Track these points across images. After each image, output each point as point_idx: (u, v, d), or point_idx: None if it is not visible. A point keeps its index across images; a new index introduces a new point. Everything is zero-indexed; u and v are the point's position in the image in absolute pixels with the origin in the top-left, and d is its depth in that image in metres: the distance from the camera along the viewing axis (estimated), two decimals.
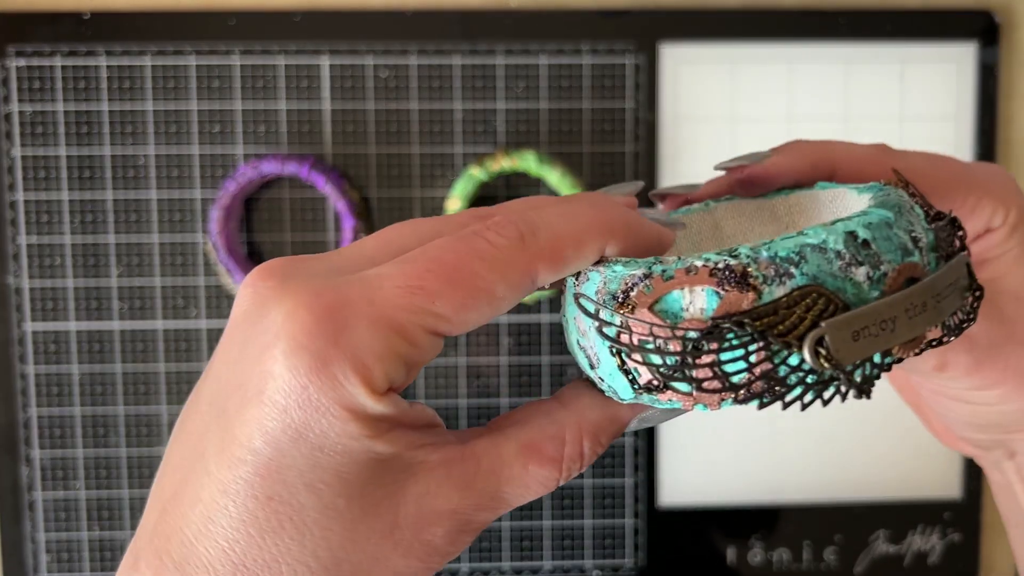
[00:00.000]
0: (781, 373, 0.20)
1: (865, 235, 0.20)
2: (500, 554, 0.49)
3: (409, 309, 0.21)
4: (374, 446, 0.21)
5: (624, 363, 0.21)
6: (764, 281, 0.20)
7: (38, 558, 0.48)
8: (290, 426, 0.20)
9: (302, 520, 0.20)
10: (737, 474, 0.50)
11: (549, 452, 0.23)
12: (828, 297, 0.20)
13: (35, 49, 0.47)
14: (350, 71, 0.48)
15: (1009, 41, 0.49)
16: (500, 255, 0.21)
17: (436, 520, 0.22)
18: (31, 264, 0.47)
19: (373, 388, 0.20)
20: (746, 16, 0.48)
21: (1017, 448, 0.30)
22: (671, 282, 0.20)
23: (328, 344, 0.20)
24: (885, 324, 0.20)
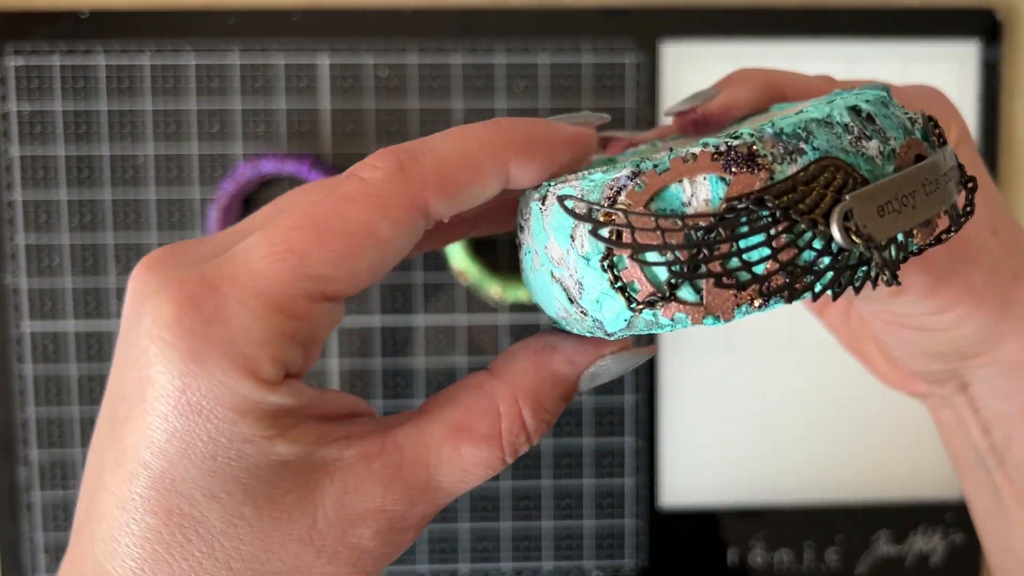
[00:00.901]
0: (806, 259, 0.18)
1: (868, 109, 0.19)
2: (500, 554, 0.49)
3: (282, 278, 0.18)
4: (274, 447, 0.19)
5: (618, 279, 0.19)
6: (774, 160, 0.18)
7: (36, 559, 0.48)
8: (175, 434, 0.18)
9: (208, 532, 0.19)
10: (738, 475, 0.50)
11: (482, 430, 0.21)
12: (846, 170, 0.18)
13: (33, 48, 0.47)
14: (349, 70, 0.47)
15: (1011, 39, 0.49)
16: (375, 191, 0.19)
17: (360, 521, 0.20)
18: (29, 264, 0.47)
19: (261, 378, 0.18)
20: (747, 14, 0.48)
21: (971, 378, 0.29)
22: (667, 175, 0.18)
23: (198, 339, 0.18)
24: (906, 199, 0.18)
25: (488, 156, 0.20)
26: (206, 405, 0.18)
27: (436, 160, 0.20)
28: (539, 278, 0.21)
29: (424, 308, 0.48)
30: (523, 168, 0.20)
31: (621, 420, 0.49)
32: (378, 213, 0.19)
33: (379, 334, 0.48)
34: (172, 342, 0.18)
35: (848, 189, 0.18)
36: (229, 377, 0.18)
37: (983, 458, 0.31)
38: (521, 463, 0.49)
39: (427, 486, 0.20)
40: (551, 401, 0.22)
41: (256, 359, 0.18)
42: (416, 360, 0.48)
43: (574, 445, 0.49)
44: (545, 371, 0.22)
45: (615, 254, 0.18)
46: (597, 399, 0.49)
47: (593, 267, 0.19)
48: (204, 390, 0.18)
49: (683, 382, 0.49)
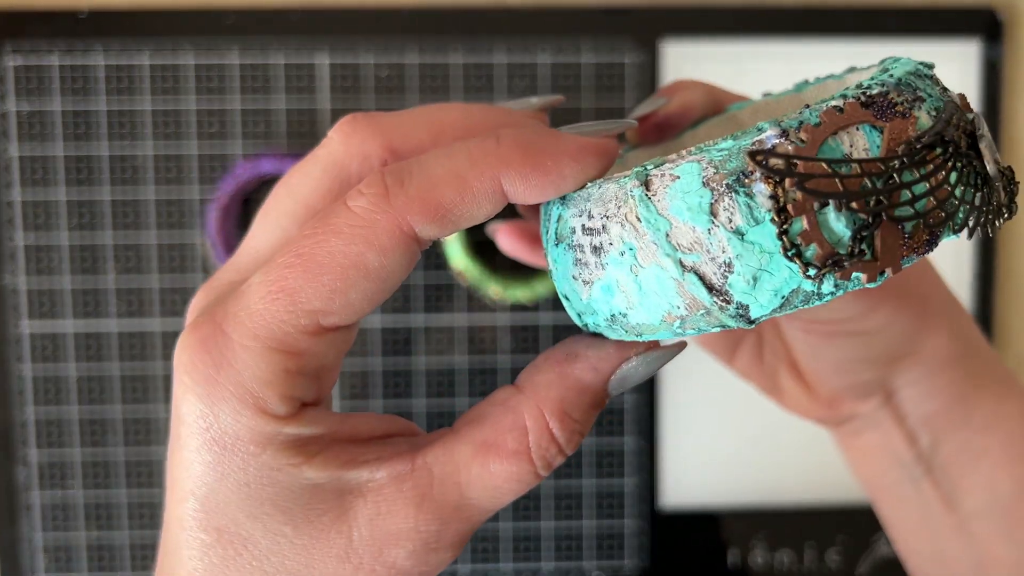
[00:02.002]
0: (966, 195, 0.18)
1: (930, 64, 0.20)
2: (499, 555, 0.49)
3: (278, 316, 0.19)
4: (302, 473, 0.19)
5: (794, 244, 0.17)
6: (911, 106, 0.18)
7: (35, 559, 0.48)
8: (209, 465, 0.19)
9: (256, 548, 0.20)
10: (739, 475, 0.50)
11: (510, 446, 0.21)
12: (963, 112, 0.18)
13: (32, 47, 0.47)
14: (349, 70, 0.47)
15: (1012, 38, 0.49)
16: (360, 221, 0.19)
17: (395, 541, 0.20)
18: (28, 264, 0.47)
19: (272, 415, 0.19)
20: (747, 14, 0.48)
21: (898, 383, 0.30)
22: (823, 128, 0.17)
23: (208, 382, 0.19)
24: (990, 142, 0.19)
25: (478, 175, 0.19)
26: (228, 440, 0.19)
27: (422, 182, 0.19)
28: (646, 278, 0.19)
29: (424, 308, 0.48)
30: (520, 184, 0.20)
31: (621, 420, 0.49)
32: (363, 244, 0.19)
33: (379, 334, 0.48)
34: (191, 385, 0.19)
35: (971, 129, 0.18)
36: (242, 416, 0.19)
37: (910, 471, 0.31)
38: None
39: (459, 505, 0.20)
40: (579, 411, 0.21)
41: (264, 397, 0.19)
42: (416, 360, 0.48)
43: None
44: (570, 380, 0.21)
45: (792, 217, 0.17)
46: None
47: (752, 240, 0.18)
48: (224, 427, 0.19)
49: (683, 382, 0.49)
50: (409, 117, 0.22)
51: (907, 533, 0.32)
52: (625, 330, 0.20)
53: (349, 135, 0.21)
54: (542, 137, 0.20)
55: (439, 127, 0.21)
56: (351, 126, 0.21)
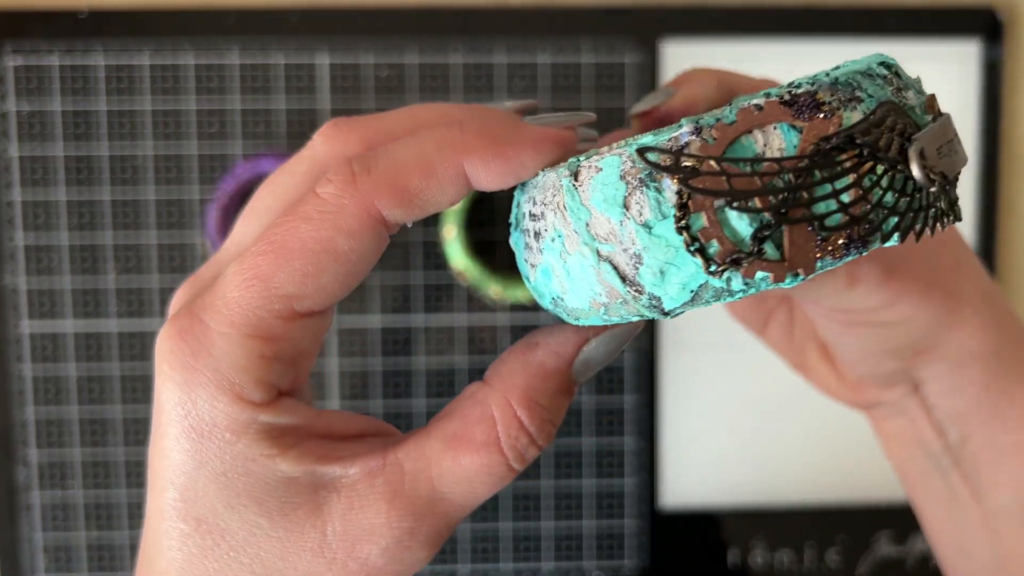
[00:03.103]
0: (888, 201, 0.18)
1: (892, 62, 0.19)
2: (499, 555, 0.49)
3: (253, 303, 0.19)
4: (277, 466, 0.20)
5: (695, 239, 0.18)
6: (839, 106, 0.18)
7: (35, 559, 0.48)
8: (188, 453, 0.20)
9: (233, 538, 0.20)
10: (739, 475, 0.50)
11: (479, 438, 0.21)
12: (905, 115, 0.18)
13: (32, 47, 0.47)
14: (349, 70, 0.47)
15: (1012, 38, 0.49)
16: (328, 207, 0.19)
17: (368, 537, 0.20)
18: (28, 264, 0.47)
19: (249, 400, 0.19)
20: (747, 14, 0.48)
21: (923, 376, 0.29)
22: (736, 126, 0.18)
23: (186, 369, 0.19)
24: (951, 145, 0.18)
25: (443, 161, 0.20)
26: (206, 428, 0.19)
27: (388, 168, 0.20)
28: (572, 264, 0.20)
29: (424, 308, 0.48)
30: (482, 170, 0.20)
31: (621, 420, 0.49)
32: (333, 229, 0.19)
33: (379, 334, 0.48)
34: (170, 373, 0.20)
35: (910, 133, 0.18)
36: (219, 402, 0.19)
37: (938, 462, 0.30)
38: None
39: (432, 500, 0.20)
40: (546, 397, 0.21)
41: (240, 383, 0.19)
42: (416, 360, 0.48)
43: (574, 445, 0.49)
44: (533, 367, 0.21)
45: (691, 213, 0.17)
46: (597, 399, 0.49)
47: (659, 234, 0.18)
48: (202, 414, 0.19)
49: (683, 382, 0.49)
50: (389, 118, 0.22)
51: (934, 522, 0.32)
52: (566, 313, 0.21)
53: (331, 137, 0.22)
54: (504, 126, 0.20)
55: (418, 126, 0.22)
56: (334, 129, 0.22)
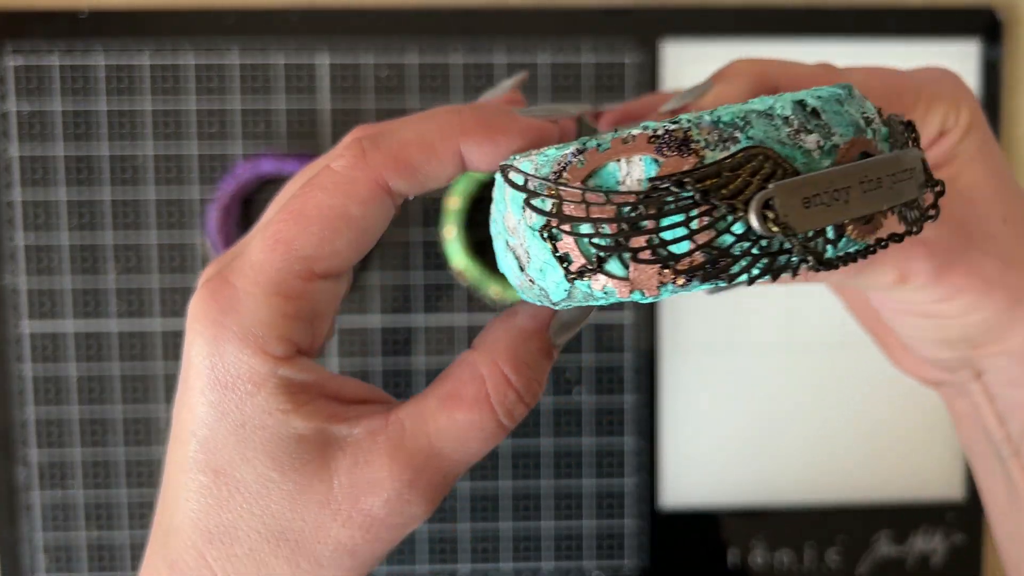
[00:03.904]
0: (725, 242, 0.18)
1: (815, 104, 0.19)
2: (499, 555, 0.49)
3: (275, 264, 0.21)
4: (290, 421, 0.22)
5: (556, 249, 0.20)
6: (706, 146, 0.18)
7: (35, 559, 0.48)
8: (211, 405, 0.22)
9: (248, 491, 0.22)
10: (739, 475, 0.50)
11: (471, 394, 0.23)
12: (776, 160, 0.18)
13: (32, 47, 0.47)
14: (349, 70, 0.47)
15: (1012, 38, 0.49)
16: (341, 178, 0.22)
17: (371, 490, 0.22)
18: (28, 264, 0.47)
19: (270, 354, 0.21)
20: (747, 14, 0.48)
21: (984, 366, 0.29)
22: (606, 153, 0.19)
23: (215, 325, 0.21)
24: (838, 194, 0.18)
25: (442, 141, 0.22)
26: (230, 380, 0.21)
27: (394, 144, 0.22)
28: (498, 246, 0.22)
29: (424, 308, 0.48)
30: (476, 151, 0.22)
31: (621, 420, 0.49)
32: (345, 197, 0.22)
33: (379, 334, 0.48)
34: (200, 330, 0.22)
35: (776, 179, 0.18)
36: (244, 354, 0.21)
37: (998, 448, 0.30)
38: (521, 463, 0.49)
39: (430, 455, 0.22)
40: (530, 356, 0.23)
41: (264, 337, 0.21)
42: (416, 360, 0.48)
43: (574, 445, 0.49)
44: (514, 330, 0.24)
45: (553, 226, 0.20)
46: (597, 399, 0.49)
47: (537, 237, 0.20)
48: (227, 366, 0.21)
49: (683, 382, 0.49)
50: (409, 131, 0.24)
51: (993, 505, 0.32)
52: (516, 287, 0.22)
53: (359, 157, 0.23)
54: (497, 115, 0.23)
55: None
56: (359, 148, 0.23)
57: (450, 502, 0.49)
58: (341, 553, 0.22)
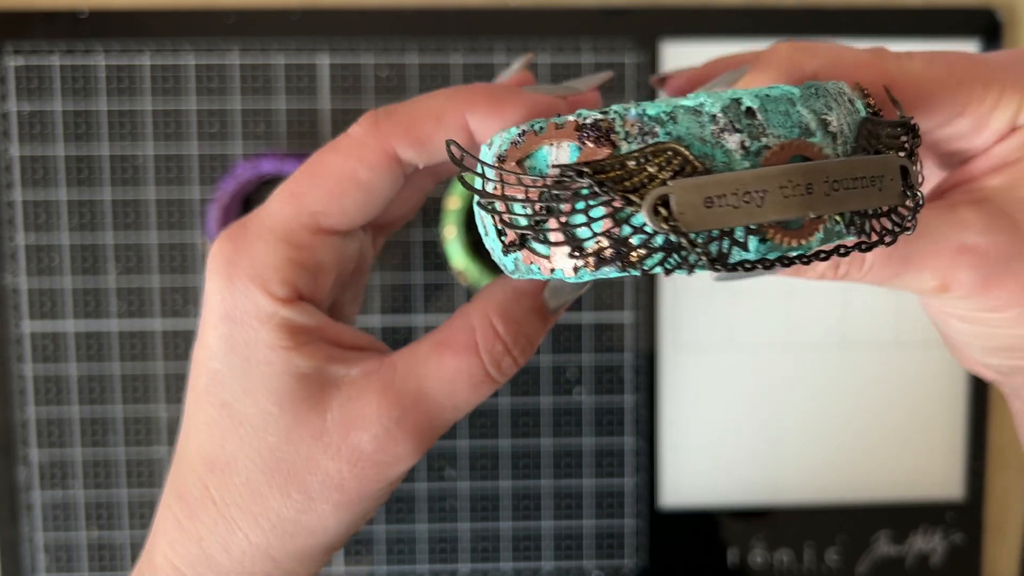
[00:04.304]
0: (624, 233, 0.19)
1: (752, 104, 0.19)
2: (499, 554, 0.49)
3: (287, 215, 0.23)
4: (291, 359, 0.23)
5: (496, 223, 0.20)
6: (625, 138, 0.19)
7: (36, 559, 0.48)
8: (222, 337, 0.24)
9: (249, 423, 0.24)
10: (738, 475, 0.50)
11: (461, 341, 0.24)
12: (685, 157, 0.18)
13: (33, 47, 0.47)
14: (349, 70, 0.47)
15: (1012, 39, 0.49)
16: (354, 143, 0.24)
17: (360, 424, 0.23)
18: (29, 264, 0.47)
19: (273, 294, 0.23)
20: (747, 14, 0.48)
21: None
22: (541, 137, 0.20)
23: (229, 264, 0.23)
24: (750, 196, 0.18)
25: (450, 107, 0.23)
26: (239, 314, 0.23)
27: (405, 115, 0.24)
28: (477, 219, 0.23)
29: (424, 308, 0.48)
30: (482, 123, 0.24)
31: (621, 420, 0.49)
32: (356, 160, 0.23)
33: (379, 334, 0.48)
34: (216, 268, 0.24)
35: (684, 175, 0.18)
36: (251, 292, 0.23)
37: None
38: (521, 463, 0.49)
39: (418, 395, 0.24)
40: (520, 312, 0.25)
41: (269, 279, 0.23)
42: None
43: (574, 445, 0.49)
44: (508, 288, 0.25)
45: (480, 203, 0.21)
46: (597, 399, 0.49)
47: (479, 210, 0.21)
48: (237, 302, 0.23)
49: (683, 382, 0.49)
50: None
51: None
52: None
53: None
54: (502, 90, 0.24)
55: None
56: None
57: (450, 502, 0.49)
58: (329, 486, 0.24)
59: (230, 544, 0.25)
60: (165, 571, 0.25)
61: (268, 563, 0.25)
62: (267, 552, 0.25)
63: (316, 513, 0.24)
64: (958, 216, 0.24)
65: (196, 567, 0.25)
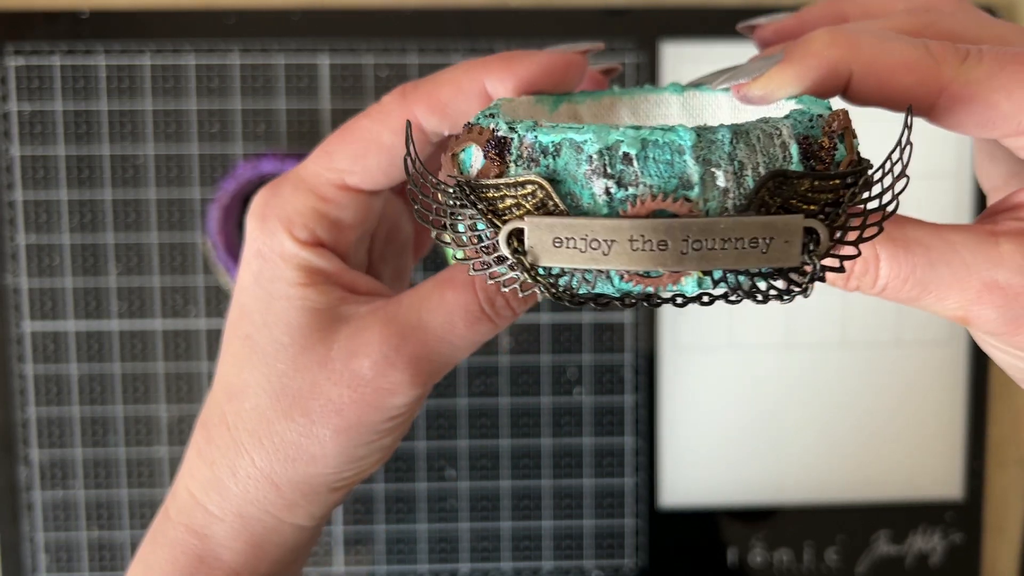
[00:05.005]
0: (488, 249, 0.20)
1: (631, 150, 0.19)
2: (500, 554, 0.49)
3: (317, 169, 0.26)
4: (307, 295, 0.26)
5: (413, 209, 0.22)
6: (516, 160, 0.20)
7: (36, 558, 0.48)
8: (252, 273, 0.26)
9: (263, 353, 0.26)
10: (738, 475, 0.50)
11: (460, 279, 0.25)
12: (549, 194, 0.19)
13: (34, 48, 0.47)
14: (349, 70, 0.47)
15: None
16: (382, 109, 0.26)
17: (362, 351, 0.25)
18: (30, 264, 0.47)
19: (295, 237, 0.26)
20: (748, 14, 0.48)
21: None
22: (465, 138, 0.21)
23: (265, 207, 0.26)
24: (596, 244, 0.18)
25: (469, 78, 0.25)
26: (267, 252, 0.26)
27: (429, 84, 0.26)
28: None
29: None
30: (498, 83, 0.25)
31: (621, 420, 0.49)
32: (382, 124, 0.25)
33: None
34: (254, 211, 0.26)
35: (542, 212, 0.19)
36: (278, 233, 0.26)
37: None
38: (521, 463, 0.49)
39: (417, 326, 0.25)
40: None
41: (294, 223, 0.26)
42: None
43: (574, 445, 0.49)
44: None
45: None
46: (597, 399, 0.49)
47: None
48: (266, 241, 0.26)
49: (683, 382, 0.49)
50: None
51: None
52: None
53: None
54: (517, 52, 0.26)
55: None
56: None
57: (450, 502, 0.49)
58: (329, 410, 0.25)
59: (237, 467, 0.26)
60: (182, 497, 0.27)
61: (271, 490, 0.26)
62: (270, 477, 0.26)
63: (316, 437, 0.26)
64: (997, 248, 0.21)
65: (207, 491, 0.27)
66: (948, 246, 0.22)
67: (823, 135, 0.20)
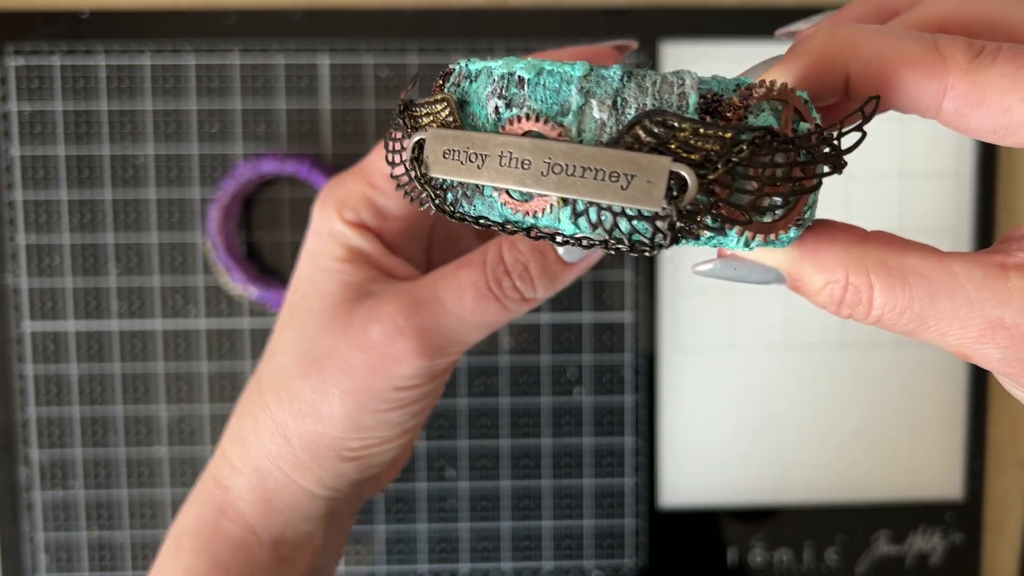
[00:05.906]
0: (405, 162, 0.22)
1: (525, 75, 0.20)
2: (500, 554, 0.49)
3: (375, 162, 0.29)
4: (344, 269, 0.28)
5: None
6: (449, 86, 0.21)
7: (36, 558, 0.48)
8: (307, 250, 0.29)
9: (298, 319, 0.29)
10: (738, 475, 0.50)
11: (476, 260, 0.28)
12: (452, 111, 0.21)
13: (33, 48, 0.47)
14: (349, 70, 0.47)
15: None
16: None
17: (377, 318, 0.27)
18: (30, 264, 0.47)
19: (343, 218, 0.29)
20: (747, 14, 0.48)
21: None
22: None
23: (326, 192, 0.29)
24: (474, 157, 0.20)
25: None
26: (320, 230, 0.29)
27: None
28: None
29: None
30: None
31: (621, 420, 0.49)
32: None
33: None
34: (320, 195, 0.30)
35: (443, 126, 0.21)
36: (330, 213, 0.29)
37: None
38: (521, 463, 0.49)
39: (429, 299, 0.27)
40: (527, 245, 0.28)
41: (345, 205, 0.29)
42: None
43: (574, 445, 0.49)
44: None
45: None
46: (597, 399, 0.49)
47: None
48: (321, 220, 0.29)
49: (683, 382, 0.49)
50: None
51: None
52: None
53: None
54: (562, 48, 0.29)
55: None
56: None
57: (450, 502, 0.49)
58: (341, 369, 0.27)
59: (258, 420, 0.29)
60: (217, 454, 0.30)
61: (283, 443, 0.28)
62: (283, 431, 0.28)
63: (326, 395, 0.27)
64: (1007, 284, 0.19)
65: (233, 443, 0.30)
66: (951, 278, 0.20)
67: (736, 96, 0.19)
